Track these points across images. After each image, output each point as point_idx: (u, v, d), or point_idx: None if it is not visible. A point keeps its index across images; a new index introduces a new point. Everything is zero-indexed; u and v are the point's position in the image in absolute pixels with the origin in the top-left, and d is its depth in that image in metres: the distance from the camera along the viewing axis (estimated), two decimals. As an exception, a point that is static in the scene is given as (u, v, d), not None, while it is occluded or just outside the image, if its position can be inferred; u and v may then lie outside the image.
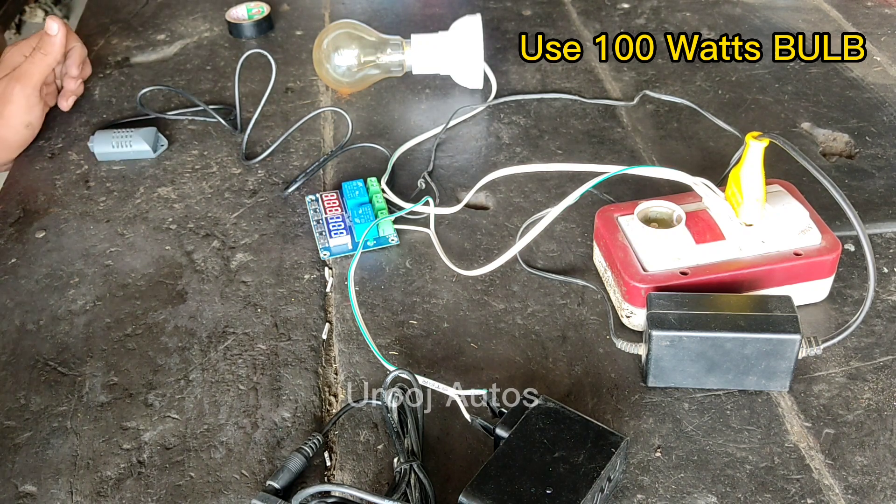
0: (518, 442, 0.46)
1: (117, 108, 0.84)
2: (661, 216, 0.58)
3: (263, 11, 0.96)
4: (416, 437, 0.49)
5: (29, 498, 0.50)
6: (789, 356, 0.50)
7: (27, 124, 0.77)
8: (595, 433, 0.46)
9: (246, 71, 0.88)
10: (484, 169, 0.73)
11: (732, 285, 0.55)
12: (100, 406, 0.55)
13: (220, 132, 0.80)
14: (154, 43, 0.95)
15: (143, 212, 0.71)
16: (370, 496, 0.44)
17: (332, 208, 0.68)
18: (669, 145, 0.75)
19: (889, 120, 0.76)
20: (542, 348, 0.57)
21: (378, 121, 0.80)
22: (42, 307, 0.62)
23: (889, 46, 0.87)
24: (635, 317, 0.56)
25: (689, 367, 0.52)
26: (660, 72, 0.85)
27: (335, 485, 0.48)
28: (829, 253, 0.56)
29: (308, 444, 0.50)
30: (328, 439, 0.52)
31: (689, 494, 0.48)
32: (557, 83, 0.84)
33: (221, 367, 0.57)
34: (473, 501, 0.44)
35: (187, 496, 0.49)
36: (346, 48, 0.80)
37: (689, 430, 0.51)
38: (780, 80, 0.83)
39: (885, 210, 0.66)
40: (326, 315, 0.60)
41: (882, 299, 0.59)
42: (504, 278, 0.62)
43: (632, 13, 0.96)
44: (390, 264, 0.64)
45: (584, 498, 0.43)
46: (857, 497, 0.47)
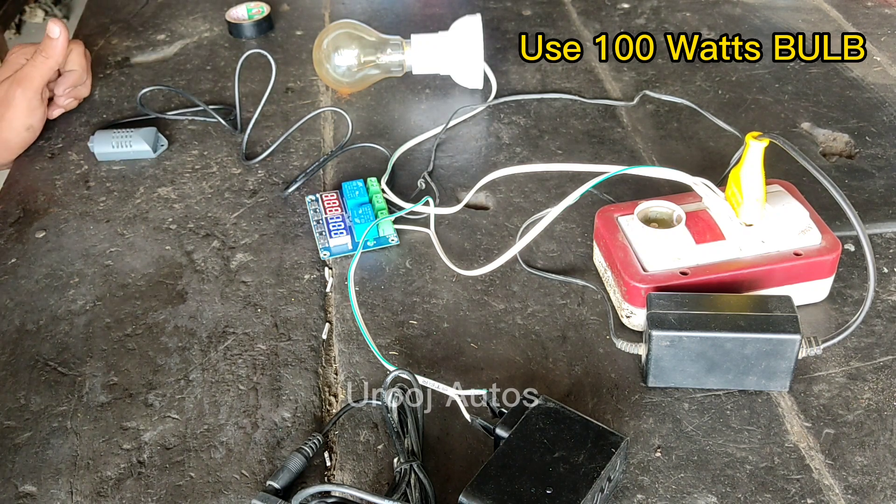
0: (518, 442, 0.46)
1: (117, 108, 0.84)
2: (661, 216, 0.58)
3: (263, 11, 0.96)
4: (416, 437, 0.49)
5: (29, 498, 0.50)
6: (789, 356, 0.50)
7: (28, 127, 0.77)
8: (595, 433, 0.46)
9: (246, 71, 0.88)
10: (484, 169, 0.73)
11: (732, 285, 0.55)
12: (100, 406, 0.55)
13: (220, 132, 0.80)
14: (154, 43, 0.95)
15: (143, 212, 0.71)
16: (370, 496, 0.44)
17: (332, 208, 0.68)
18: (669, 145, 0.75)
19: (889, 120, 0.76)
20: (542, 348, 0.57)
21: (378, 121, 0.80)
22: (42, 307, 0.62)
23: (889, 46, 0.87)
24: (635, 317, 0.56)
25: (689, 367, 0.52)
26: (660, 72, 0.85)
27: (335, 485, 0.48)
28: (829, 253, 0.56)
29: (308, 444, 0.50)
30: (328, 439, 0.52)
31: (689, 494, 0.48)
32: (557, 83, 0.84)
33: (221, 367, 0.57)
34: (473, 501, 0.44)
35: (187, 496, 0.49)
36: (346, 48, 0.80)
37: (689, 430, 0.51)
38: (780, 80, 0.83)
39: (885, 210, 0.66)
40: (326, 315, 0.60)
41: (882, 299, 0.59)
42: (504, 278, 0.62)
43: (632, 13, 0.96)
44: (390, 264, 0.64)
45: (585, 498, 0.43)
46: (857, 497, 0.47)
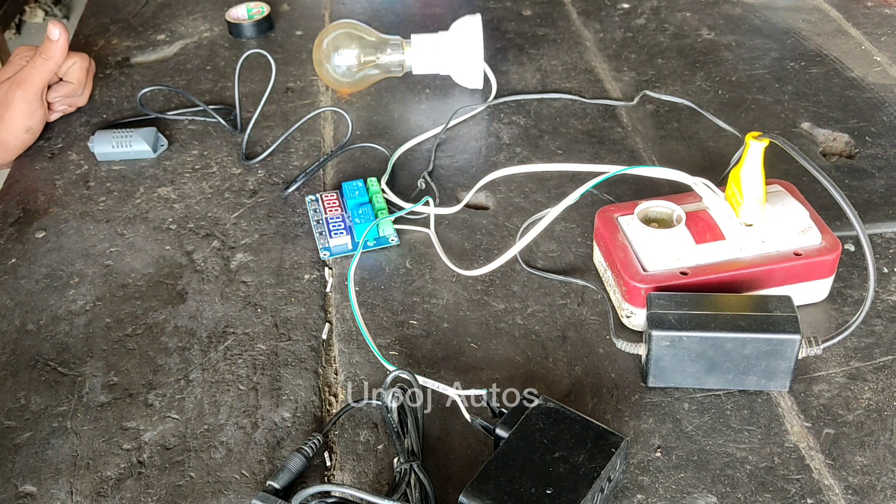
0: (518, 442, 0.46)
1: (117, 108, 0.84)
2: (661, 216, 0.58)
3: (263, 11, 0.96)
4: (416, 437, 0.49)
5: (29, 498, 0.50)
6: (789, 356, 0.50)
7: (27, 129, 0.77)
8: (595, 433, 0.46)
9: (246, 71, 0.88)
10: (484, 169, 0.73)
11: (732, 285, 0.55)
12: (100, 406, 0.55)
13: (220, 132, 0.80)
14: (154, 43, 0.95)
15: (143, 212, 0.71)
16: (370, 496, 0.44)
17: (332, 208, 0.68)
18: (669, 145, 0.75)
19: (889, 120, 0.76)
20: (542, 348, 0.57)
21: (378, 121, 0.80)
22: (42, 307, 0.62)
23: (889, 46, 0.87)
24: (635, 317, 0.56)
25: (689, 367, 0.52)
26: (660, 72, 0.85)
27: (335, 485, 0.48)
28: (829, 253, 0.56)
29: (308, 444, 0.50)
30: (328, 439, 0.52)
31: (689, 494, 0.48)
32: (557, 83, 0.84)
33: (221, 367, 0.57)
34: (473, 501, 0.44)
35: (187, 496, 0.49)
36: (346, 48, 0.80)
37: (689, 430, 0.51)
38: (780, 80, 0.83)
39: (885, 210, 0.66)
40: (326, 315, 0.60)
41: (882, 299, 0.59)
42: (504, 278, 0.62)
43: (632, 13, 0.96)
44: (390, 264, 0.64)
45: (585, 498, 0.43)
46: (857, 497, 0.47)
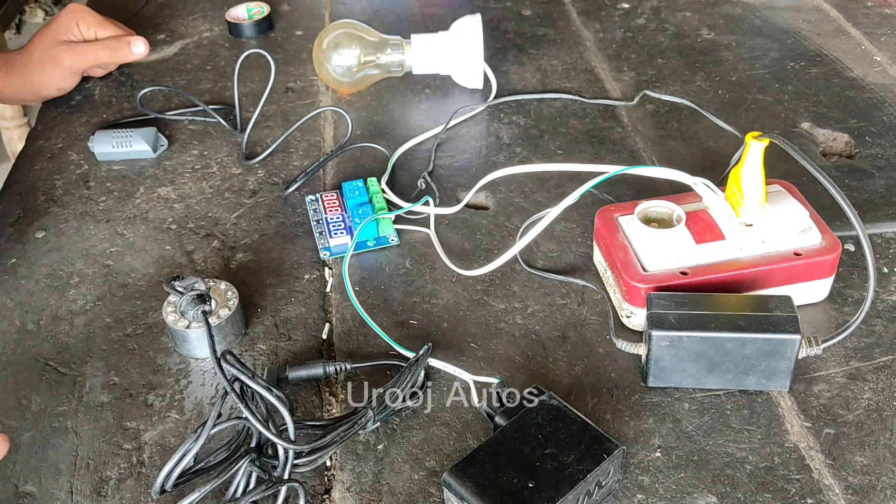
0: (513, 433, 0.47)
1: (117, 108, 0.84)
2: (661, 216, 0.58)
3: (263, 11, 0.96)
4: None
5: (29, 498, 0.50)
6: (789, 356, 0.50)
7: (59, 88, 0.85)
8: (591, 437, 0.46)
9: (246, 71, 0.88)
10: (484, 169, 0.73)
11: (732, 285, 0.55)
12: (100, 406, 0.55)
13: (220, 132, 0.80)
14: (154, 43, 0.95)
15: (143, 212, 0.71)
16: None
17: (332, 208, 0.68)
18: (669, 145, 0.75)
19: (889, 120, 0.76)
20: (542, 348, 0.57)
21: (378, 121, 0.80)
22: (42, 307, 0.62)
23: (889, 46, 0.87)
24: (635, 317, 0.56)
25: (689, 367, 0.52)
26: (660, 72, 0.85)
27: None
28: (829, 253, 0.56)
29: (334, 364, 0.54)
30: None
31: (689, 494, 0.48)
32: (557, 83, 0.84)
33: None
34: (456, 481, 0.44)
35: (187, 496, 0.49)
36: (346, 48, 0.80)
37: (689, 430, 0.51)
38: (780, 80, 0.83)
39: (885, 210, 0.66)
40: (326, 315, 0.60)
41: (882, 299, 0.59)
42: (504, 278, 0.62)
43: (632, 13, 0.96)
44: (390, 264, 0.64)
45: (565, 498, 0.43)
46: (857, 497, 0.47)
